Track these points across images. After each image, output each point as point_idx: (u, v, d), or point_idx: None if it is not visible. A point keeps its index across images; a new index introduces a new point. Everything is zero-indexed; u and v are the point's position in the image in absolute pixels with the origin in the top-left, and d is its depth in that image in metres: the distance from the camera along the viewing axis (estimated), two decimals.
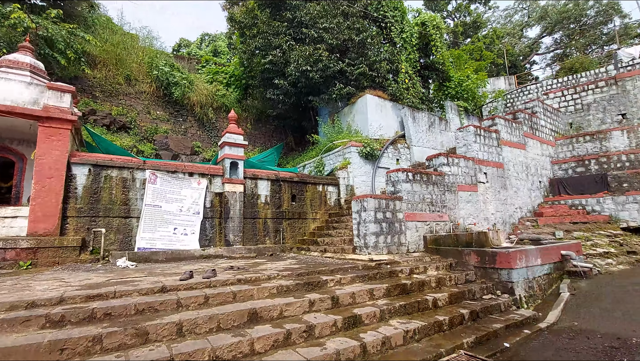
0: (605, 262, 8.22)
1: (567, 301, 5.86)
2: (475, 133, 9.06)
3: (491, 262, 6.02)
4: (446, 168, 8.12)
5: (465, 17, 34.68)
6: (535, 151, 11.37)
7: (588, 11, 32.32)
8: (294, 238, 9.53)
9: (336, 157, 11.51)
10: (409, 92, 13.61)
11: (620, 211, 10.12)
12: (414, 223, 7.26)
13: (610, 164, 11.06)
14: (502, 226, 9.35)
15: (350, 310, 4.29)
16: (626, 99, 13.45)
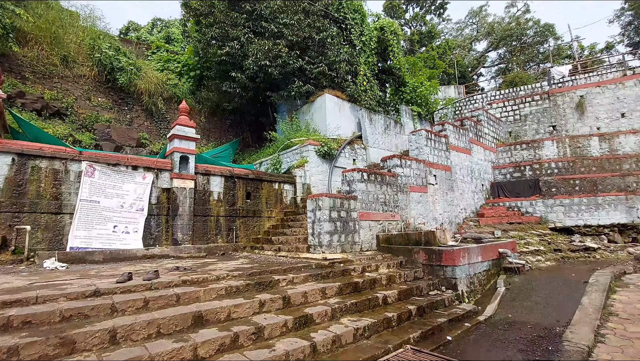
0: (535, 259, 9.06)
1: (503, 295, 6.35)
2: (426, 137, 9.48)
3: (438, 260, 6.32)
4: (399, 170, 8.39)
5: (421, 26, 36.40)
6: (479, 156, 12.21)
7: (528, 31, 35.62)
8: (247, 237, 9.27)
9: (294, 156, 11.41)
10: (366, 94, 13.90)
11: (549, 213, 11.23)
12: (367, 222, 7.40)
13: (542, 170, 12.24)
14: (449, 225, 9.91)
15: (301, 309, 4.23)
16: (556, 112, 15.01)
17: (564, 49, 32.42)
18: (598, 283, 6.11)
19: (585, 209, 10.92)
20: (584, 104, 14.62)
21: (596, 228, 10.86)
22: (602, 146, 12.79)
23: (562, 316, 5.16)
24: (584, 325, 4.57)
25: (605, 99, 14.34)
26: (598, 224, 10.83)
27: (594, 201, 10.90)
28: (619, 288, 6.11)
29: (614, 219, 10.75)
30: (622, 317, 4.84)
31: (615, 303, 5.36)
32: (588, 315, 4.90)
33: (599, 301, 5.30)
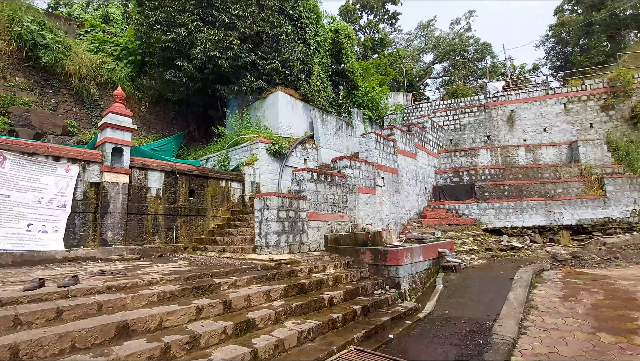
0: (470, 257, 9.74)
1: (441, 293, 6.69)
2: (376, 140, 9.73)
3: (383, 259, 6.46)
4: (349, 171, 8.48)
5: (375, 34, 37.66)
6: (423, 161, 12.88)
7: (469, 48, 38.71)
8: (190, 237, 8.69)
9: (243, 153, 11.00)
10: (320, 94, 13.92)
11: (482, 215, 12.20)
12: (316, 222, 7.35)
13: (477, 176, 13.28)
14: (394, 226, 10.27)
15: (243, 314, 4.00)
16: (491, 123, 16.45)
17: (498, 66, 35.78)
18: (522, 280, 6.72)
19: (512, 212, 12.05)
20: (514, 118, 16.23)
21: (521, 229, 12.05)
22: (527, 156, 14.28)
23: (491, 311, 5.55)
24: (509, 318, 4.96)
25: (531, 114, 16.06)
26: (522, 226, 12.03)
27: (519, 205, 12.09)
28: (539, 284, 6.77)
29: (535, 221, 12.01)
30: (541, 310, 5.35)
31: (535, 298, 5.92)
32: (513, 309, 5.34)
33: (522, 296, 5.81)
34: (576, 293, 6.01)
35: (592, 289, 6.14)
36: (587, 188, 12.58)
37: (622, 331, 4.32)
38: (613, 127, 14.93)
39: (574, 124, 15.50)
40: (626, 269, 7.62)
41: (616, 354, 3.78)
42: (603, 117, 15.21)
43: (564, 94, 15.89)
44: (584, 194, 12.38)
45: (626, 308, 5.09)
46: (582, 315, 5.00)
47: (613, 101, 15.08)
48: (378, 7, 37.00)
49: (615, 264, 8.10)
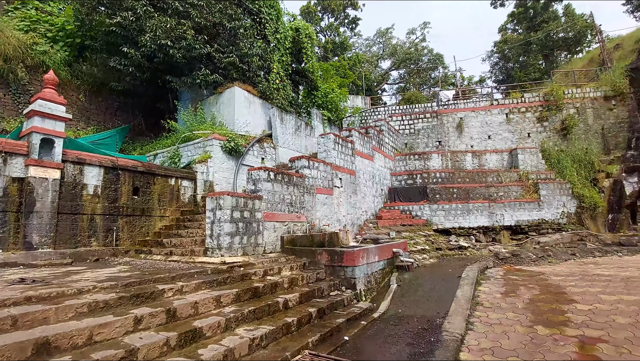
0: (422, 257, 10.11)
1: (395, 292, 6.82)
2: (334, 141, 9.73)
3: (339, 260, 6.42)
4: (307, 171, 8.36)
5: (335, 37, 38.15)
6: (380, 163, 13.18)
7: (424, 57, 40.68)
8: (133, 239, 8.00)
9: (195, 149, 10.41)
10: (279, 93, 13.67)
11: (433, 217, 12.77)
12: (272, 223, 7.12)
13: (429, 179, 13.90)
14: (351, 227, 10.35)
15: (190, 322, 3.69)
16: (442, 130, 17.36)
17: (449, 77, 38.04)
18: (468, 278, 7.07)
19: (460, 213, 12.77)
20: (463, 125, 17.28)
21: (467, 229, 12.80)
22: (474, 161, 15.26)
23: (441, 308, 5.74)
24: (457, 315, 5.16)
25: (478, 123, 17.22)
26: (469, 227, 12.79)
27: (466, 207, 12.84)
28: (483, 281, 7.18)
29: (480, 222, 12.84)
30: (486, 306, 5.64)
31: (480, 294, 6.25)
32: (461, 306, 5.57)
33: (468, 293, 6.10)
34: (516, 289, 6.45)
35: (529, 285, 6.63)
36: (525, 192, 13.73)
37: (555, 324, 4.68)
38: (547, 137, 16.52)
39: (514, 133, 16.89)
40: (557, 266, 8.37)
41: (550, 345, 4.06)
42: (538, 128, 16.76)
43: (506, 105, 17.27)
44: (522, 198, 13.50)
45: (558, 301, 5.53)
46: (521, 310, 5.34)
47: (547, 114, 16.68)
48: (339, 11, 37.51)
49: (548, 262, 8.87)
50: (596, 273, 7.35)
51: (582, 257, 9.37)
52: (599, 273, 7.34)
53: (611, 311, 4.95)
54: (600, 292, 5.85)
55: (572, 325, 4.60)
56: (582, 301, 5.46)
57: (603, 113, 16.27)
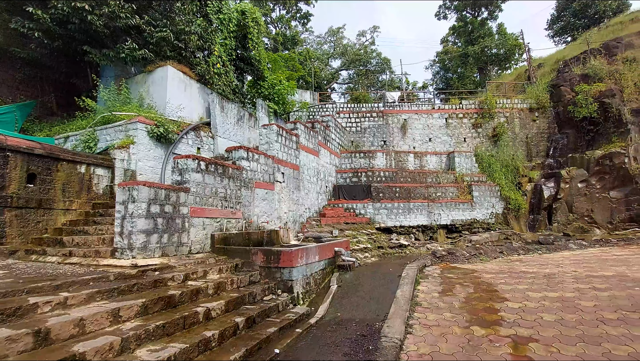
0: (364, 255, 9.95)
1: (335, 293, 6.44)
2: (278, 133, 9.10)
3: (275, 261, 5.85)
4: (245, 163, 7.63)
5: (286, 29, 37.30)
6: (325, 159, 12.85)
7: (372, 60, 41.72)
8: (25, 237, 6.55)
9: (116, 133, 9.03)
10: (220, 78, 12.60)
11: (376, 215, 12.80)
12: (201, 219, 6.29)
13: (374, 177, 13.93)
14: (293, 225, 9.81)
15: (68, 347, 2.83)
16: (388, 129, 17.67)
17: (396, 82, 39.48)
18: (408, 277, 6.97)
19: (401, 212, 12.98)
20: (406, 126, 17.76)
21: (408, 228, 13.06)
22: (415, 162, 15.71)
23: (381, 309, 5.48)
24: (397, 318, 4.90)
25: (420, 125, 17.83)
26: (409, 225, 13.06)
27: (407, 206, 13.09)
28: (422, 280, 7.14)
29: (420, 221, 13.19)
30: (424, 306, 5.50)
31: (419, 294, 6.13)
32: (400, 307, 5.35)
33: (408, 293, 5.93)
34: (452, 287, 6.46)
35: (464, 283, 6.71)
36: (460, 193, 14.45)
37: (490, 324, 4.63)
38: (480, 142, 17.69)
39: (452, 137, 17.81)
40: (488, 264, 8.74)
41: (487, 347, 3.94)
42: (473, 134, 17.88)
43: (446, 110, 18.14)
44: (457, 198, 14.17)
45: (491, 300, 5.59)
46: (458, 309, 5.27)
47: (481, 121, 17.86)
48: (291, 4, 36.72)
49: (479, 259, 9.25)
50: (522, 270, 7.76)
51: (508, 255, 9.97)
52: (524, 270, 7.75)
53: (538, 308, 5.08)
54: (527, 289, 6.06)
55: (505, 324, 4.59)
56: (512, 298, 5.57)
57: (528, 123, 17.89)
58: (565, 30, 33.41)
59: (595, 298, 5.37)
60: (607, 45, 17.63)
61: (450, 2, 37.01)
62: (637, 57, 16.29)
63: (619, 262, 8.05)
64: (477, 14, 35.73)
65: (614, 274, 6.87)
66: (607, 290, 5.73)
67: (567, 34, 33.59)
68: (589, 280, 6.48)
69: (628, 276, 6.66)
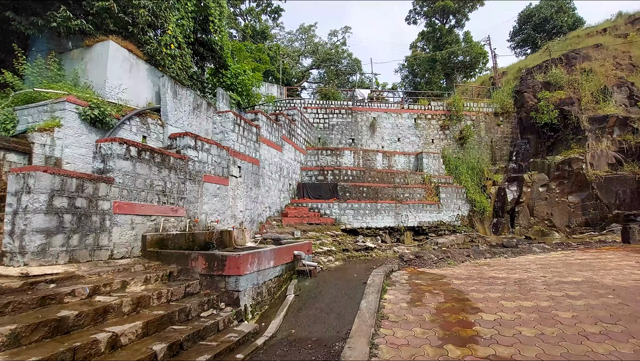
0: (327, 259, 9.19)
1: (291, 305, 5.60)
2: (234, 122, 8.12)
3: (220, 268, 4.90)
4: (192, 152, 6.59)
5: (256, 23, 35.99)
6: (290, 155, 11.97)
7: (343, 60, 41.46)
8: None
9: (40, 114, 7.61)
10: (175, 61, 11.34)
11: (342, 216, 12.11)
12: (129, 216, 5.18)
13: (341, 176, 13.26)
14: (250, 225, 8.85)
15: None
16: (356, 127, 17.13)
17: (366, 83, 39.44)
18: (374, 284, 6.28)
19: (368, 213, 12.40)
20: (375, 125, 17.33)
21: (374, 229, 12.51)
22: (384, 162, 15.26)
23: (343, 325, 4.74)
24: (360, 336, 4.17)
25: (389, 124, 17.48)
26: (376, 227, 12.51)
27: (375, 207, 12.54)
28: (389, 287, 6.48)
29: (387, 222, 12.69)
30: (392, 320, 4.81)
31: (386, 304, 5.45)
32: (365, 322, 4.62)
33: (374, 304, 5.23)
34: (421, 296, 5.86)
35: (434, 291, 6.14)
36: (427, 194, 14.17)
37: (465, 341, 4.02)
38: (447, 144, 17.65)
39: (420, 138, 17.63)
40: (456, 268, 8.31)
41: None
42: (441, 135, 17.82)
43: (415, 110, 17.95)
44: (424, 200, 13.86)
45: (464, 311, 5.02)
46: (429, 323, 4.64)
47: (449, 123, 17.85)
48: None
49: (447, 263, 8.82)
50: (491, 275, 7.37)
51: (475, 258, 9.66)
52: (493, 275, 7.37)
53: (515, 320, 4.56)
54: (500, 297, 5.58)
55: (482, 341, 4.00)
56: (486, 309, 5.04)
57: (492, 127, 18.14)
58: (526, 42, 35.03)
59: (571, 307, 4.96)
60: (567, 56, 18.32)
61: (420, 7, 37.56)
62: (594, 69, 17.02)
63: (584, 266, 7.91)
64: (445, 21, 36.53)
65: (583, 280, 6.62)
66: (581, 298, 5.37)
67: (527, 46, 35.26)
68: (560, 287, 6.15)
69: (597, 282, 6.42)
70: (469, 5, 34.49)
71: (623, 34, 19.86)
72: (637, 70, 16.78)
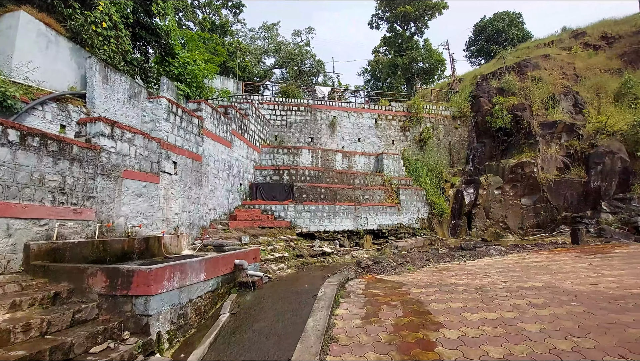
0: (278, 267, 8.27)
1: (224, 327, 4.62)
2: (169, 109, 6.99)
3: (125, 286, 3.83)
4: (107, 142, 5.40)
5: (215, 17, 34.31)
6: (241, 152, 10.93)
7: (307, 61, 40.83)
8: None
9: None
10: (108, 43, 9.89)
11: (298, 218, 11.26)
12: (4, 220, 3.94)
13: (297, 176, 12.42)
14: (189, 229, 7.71)
15: None
16: (316, 126, 16.41)
17: (329, 84, 39.10)
18: (325, 297, 5.50)
19: (326, 216, 11.67)
20: (335, 124, 16.74)
21: (332, 233, 11.80)
22: (344, 162, 14.66)
23: (284, 351, 3.90)
24: None
25: (350, 124, 16.97)
26: (334, 230, 11.81)
27: (333, 209, 11.85)
28: (342, 300, 5.73)
29: (345, 226, 12.04)
30: (342, 342, 4.03)
31: (337, 322, 4.67)
32: (309, 348, 3.80)
33: (322, 323, 4.42)
34: (378, 309, 5.16)
35: (392, 303, 5.48)
36: (387, 196, 13.75)
37: None
38: (407, 146, 17.50)
39: (381, 139, 17.32)
40: (415, 274, 7.79)
41: None
42: (402, 137, 17.65)
43: (376, 110, 17.63)
44: (384, 202, 13.42)
45: (424, 326, 4.38)
46: (385, 345, 3.93)
47: (409, 124, 17.73)
48: None
49: (407, 268, 8.29)
50: (452, 281, 6.90)
51: (435, 262, 9.26)
52: (454, 281, 6.91)
53: (480, 337, 3.98)
54: (462, 308, 5.03)
55: None
56: (448, 324, 4.43)
57: (451, 130, 18.31)
58: (480, 52, 36.70)
59: (537, 318, 4.51)
60: (519, 64, 19.04)
61: (382, 12, 38.01)
62: (543, 77, 17.78)
63: (541, 270, 7.73)
64: (406, 27, 37.25)
65: (543, 285, 6.33)
66: (545, 306, 4.97)
67: (481, 56, 36.97)
68: (522, 293, 5.76)
69: (557, 287, 6.14)
70: (429, 14, 35.41)
71: (567, 47, 21.12)
72: (580, 80, 17.78)
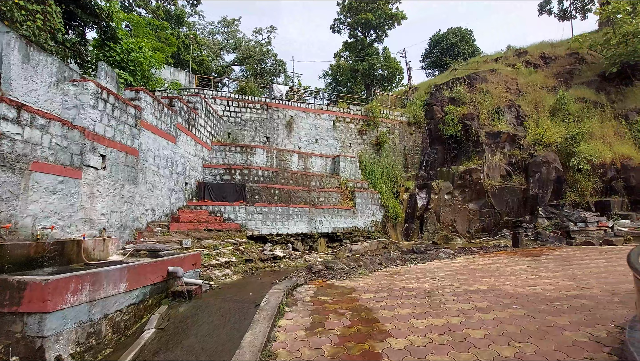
0: (223, 273, 7.67)
1: (146, 346, 4.01)
2: (97, 95, 6.15)
3: (15, 302, 3.10)
4: (11, 127, 4.53)
5: (170, 6, 32.39)
6: (188, 148, 10.13)
7: (267, 60, 40.05)
8: None
9: None
10: (34, 18, 8.64)
11: (249, 221, 10.67)
12: None
13: (250, 176, 11.83)
14: (119, 232, 6.85)
15: None
16: (272, 125, 15.89)
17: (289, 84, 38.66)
18: (268, 306, 5.06)
19: (279, 218, 11.21)
20: (293, 124, 16.35)
21: (286, 236, 11.36)
22: (300, 163, 14.31)
23: None
24: None
25: (307, 124, 16.69)
26: (287, 233, 11.38)
27: (287, 211, 11.42)
28: (288, 308, 5.33)
29: (299, 228, 11.66)
30: (281, 359, 3.64)
31: (279, 334, 4.27)
32: None
33: (261, 337, 3.99)
34: (325, 319, 4.84)
35: (340, 311, 5.20)
36: (343, 199, 13.62)
37: None
38: (364, 149, 17.61)
39: (338, 141, 17.24)
40: (367, 278, 7.63)
41: None
42: (359, 140, 17.72)
43: (334, 112, 17.54)
44: (340, 205, 13.26)
45: (370, 337, 4.13)
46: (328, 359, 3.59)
47: (366, 128, 17.87)
48: None
49: (359, 273, 8.11)
50: (402, 286, 6.81)
51: (387, 266, 9.22)
52: (404, 285, 6.82)
53: (426, 345, 3.81)
54: (410, 314, 4.88)
55: None
56: (395, 332, 4.23)
57: (406, 136, 18.78)
58: (435, 64, 38.55)
59: (482, 323, 4.47)
60: (469, 77, 20.09)
61: (344, 17, 38.45)
62: (490, 90, 18.91)
63: (485, 272, 7.95)
64: (367, 34, 38.01)
65: (487, 287, 6.45)
66: (490, 310, 4.98)
67: (436, 68, 38.84)
68: (468, 297, 5.78)
69: (500, 289, 6.28)
70: (388, 23, 36.44)
71: (511, 63, 22.77)
72: (522, 95, 19.18)
